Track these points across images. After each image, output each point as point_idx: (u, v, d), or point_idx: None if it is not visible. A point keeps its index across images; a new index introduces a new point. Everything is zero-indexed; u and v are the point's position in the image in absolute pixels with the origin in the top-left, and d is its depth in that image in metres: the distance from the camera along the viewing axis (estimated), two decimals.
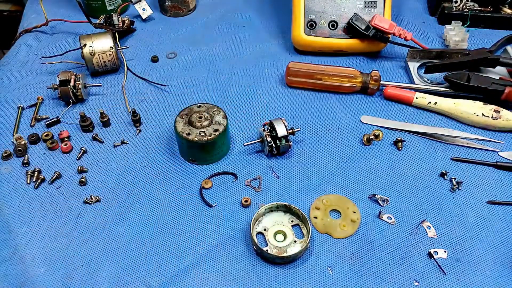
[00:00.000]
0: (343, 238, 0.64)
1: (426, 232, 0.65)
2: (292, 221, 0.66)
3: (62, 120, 0.81)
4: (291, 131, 0.73)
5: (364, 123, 0.80)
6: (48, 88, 0.82)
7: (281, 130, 0.71)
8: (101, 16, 0.94)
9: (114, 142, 0.77)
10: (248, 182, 0.71)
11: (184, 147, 0.72)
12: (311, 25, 0.90)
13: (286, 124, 0.72)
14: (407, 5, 1.06)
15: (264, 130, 0.73)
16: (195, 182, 0.72)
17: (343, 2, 0.90)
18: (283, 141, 0.72)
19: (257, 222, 0.66)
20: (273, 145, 0.72)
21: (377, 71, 0.84)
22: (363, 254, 0.63)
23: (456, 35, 0.94)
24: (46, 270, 0.61)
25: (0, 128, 0.79)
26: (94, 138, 0.78)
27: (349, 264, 0.62)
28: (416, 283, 0.60)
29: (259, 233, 0.65)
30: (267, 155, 0.74)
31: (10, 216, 0.67)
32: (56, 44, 0.96)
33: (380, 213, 0.67)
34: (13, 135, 0.77)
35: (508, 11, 0.99)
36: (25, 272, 0.61)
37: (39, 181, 0.71)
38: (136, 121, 0.80)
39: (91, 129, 0.79)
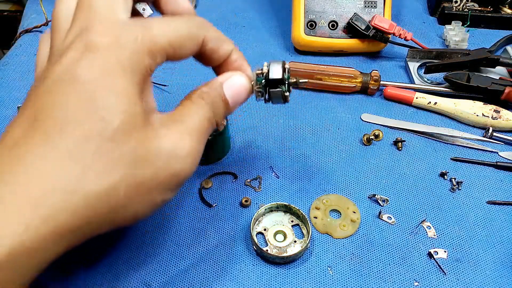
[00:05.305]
0: (343, 238, 0.64)
1: (426, 232, 0.65)
2: (292, 221, 0.66)
3: None
4: (293, 80, 0.51)
5: (365, 121, 0.80)
6: None
7: (275, 72, 0.50)
8: None
9: None
10: (248, 182, 0.71)
11: None
12: (311, 25, 0.90)
13: (287, 66, 0.50)
14: (407, 5, 1.06)
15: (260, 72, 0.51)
16: (195, 182, 0.72)
17: (343, 2, 0.90)
18: (284, 87, 0.51)
19: (257, 222, 0.66)
20: (262, 90, 0.51)
21: (377, 71, 0.84)
22: (363, 254, 0.63)
23: (456, 35, 0.94)
24: (45, 270, 0.61)
25: (0, 128, 0.79)
26: None
27: (349, 264, 0.62)
28: (416, 283, 0.60)
29: (259, 233, 0.65)
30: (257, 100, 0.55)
31: None
32: None
33: (380, 213, 0.67)
34: None
35: (508, 11, 0.99)
36: None
37: None
38: None
39: None
